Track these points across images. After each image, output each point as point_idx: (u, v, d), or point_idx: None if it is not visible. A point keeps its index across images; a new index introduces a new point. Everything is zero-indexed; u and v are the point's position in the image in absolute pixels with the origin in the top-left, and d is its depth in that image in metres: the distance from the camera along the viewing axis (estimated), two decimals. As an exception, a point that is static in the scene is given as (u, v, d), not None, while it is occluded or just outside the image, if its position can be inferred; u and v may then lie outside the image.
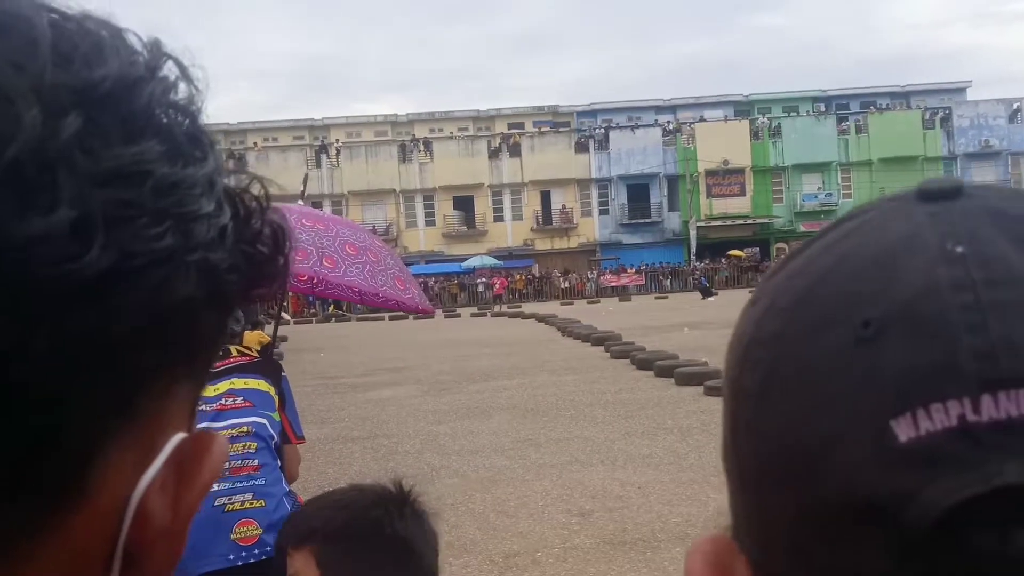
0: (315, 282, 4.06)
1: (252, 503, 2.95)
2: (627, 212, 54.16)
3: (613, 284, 48.21)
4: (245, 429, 3.04)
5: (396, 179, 53.87)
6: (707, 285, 41.55)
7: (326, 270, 3.35)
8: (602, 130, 56.78)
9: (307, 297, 34.86)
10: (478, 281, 48.40)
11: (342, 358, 20.22)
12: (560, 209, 54.29)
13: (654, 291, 47.36)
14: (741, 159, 53.60)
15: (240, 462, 3.00)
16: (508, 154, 54.48)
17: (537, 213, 54.44)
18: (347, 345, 24.17)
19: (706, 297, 38.21)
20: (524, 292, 48.45)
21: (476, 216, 54.56)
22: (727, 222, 53.16)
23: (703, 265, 49.37)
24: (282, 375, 3.34)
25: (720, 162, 53.05)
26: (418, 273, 48.06)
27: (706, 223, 52.94)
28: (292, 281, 3.85)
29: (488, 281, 47.80)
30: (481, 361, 17.72)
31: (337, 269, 3.36)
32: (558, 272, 50.17)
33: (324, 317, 41.03)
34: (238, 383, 3.11)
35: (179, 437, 0.37)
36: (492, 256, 51.23)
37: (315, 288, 4.25)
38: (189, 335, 0.36)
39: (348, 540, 1.44)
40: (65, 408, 0.32)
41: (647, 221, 54.19)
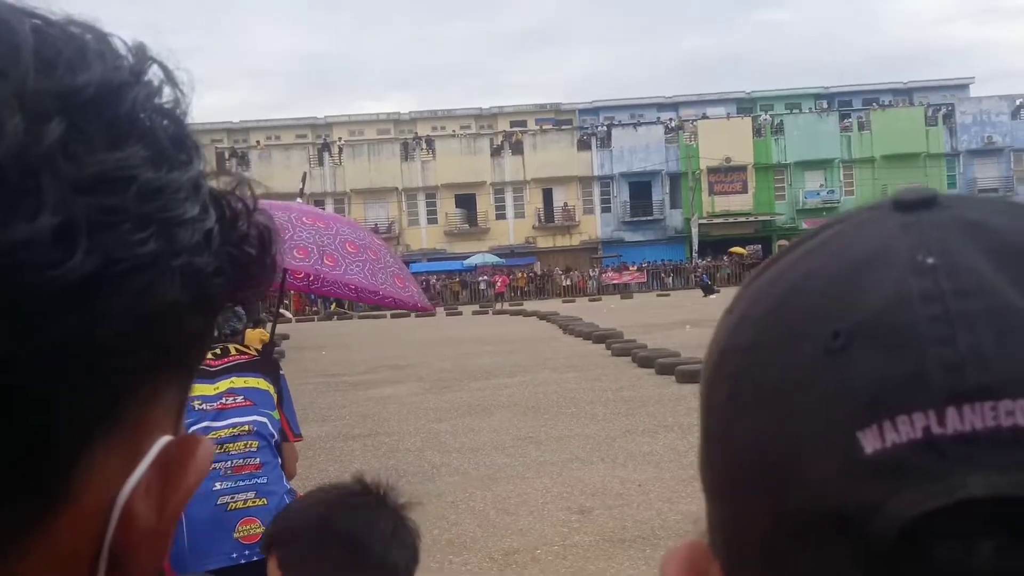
0: (311, 279, 4.08)
1: (254, 501, 2.98)
2: (629, 210, 54.12)
3: (615, 282, 48.16)
4: (246, 428, 3.06)
5: (398, 177, 53.85)
6: (709, 283, 41.49)
7: (327, 268, 3.36)
8: (604, 128, 56.69)
9: (309, 295, 34.90)
10: (480, 279, 48.39)
11: (344, 356, 20.23)
12: (562, 207, 54.26)
13: (656, 289, 47.33)
14: (743, 156, 53.53)
15: (242, 461, 3.02)
16: (510, 152, 54.43)
17: (539, 211, 54.41)
18: (349, 343, 24.19)
19: (708, 295, 38.15)
20: (526, 290, 48.44)
21: (478, 214, 54.55)
22: (729, 219, 53.08)
23: (705, 262, 49.33)
24: (280, 373, 3.36)
25: (722, 159, 52.99)
26: (420, 271, 48.09)
27: (708, 220, 52.89)
28: (289, 279, 3.86)
29: (490, 279, 47.77)
30: (482, 359, 17.73)
31: (338, 267, 3.37)
32: (560, 270, 50.13)
33: (326, 315, 41.06)
34: (238, 382, 3.13)
35: (165, 440, 0.37)
36: (494, 254, 51.24)
37: (311, 285, 4.27)
38: (174, 338, 0.36)
39: (300, 542, 1.50)
40: (51, 412, 0.32)
41: (649, 219, 54.16)
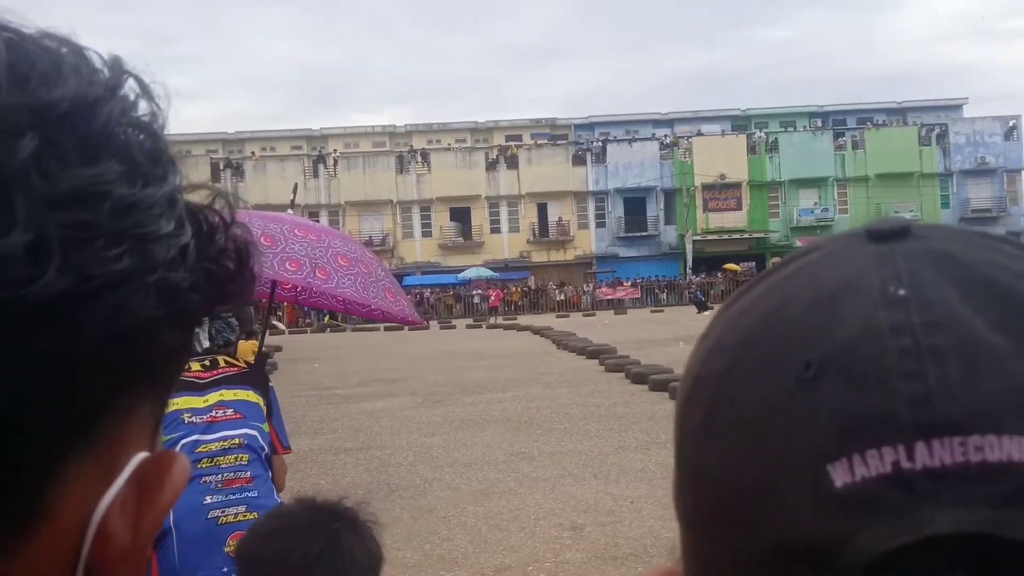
0: (299, 291, 4.06)
1: (245, 515, 2.95)
2: (624, 225, 54.22)
3: (609, 297, 48.20)
4: (237, 441, 3.04)
5: (393, 190, 53.90)
6: (703, 299, 41.49)
7: (319, 281, 3.35)
8: (599, 143, 56.84)
9: (302, 307, 34.82)
10: (474, 292, 48.35)
11: (336, 368, 20.16)
12: (557, 221, 54.35)
13: (650, 304, 47.35)
14: (738, 173, 53.73)
15: (233, 474, 3.00)
16: (505, 166, 54.55)
17: (534, 225, 54.48)
18: (342, 355, 24.11)
19: (702, 311, 38.14)
20: (520, 304, 48.41)
21: (473, 227, 54.59)
22: (723, 236, 53.21)
23: (699, 279, 49.38)
24: (269, 385, 3.34)
25: (717, 176, 53.18)
26: (414, 284, 48.10)
27: (702, 237, 52.99)
28: (279, 290, 3.85)
29: (484, 293, 47.73)
30: (475, 373, 17.67)
31: (330, 280, 3.37)
32: (554, 284, 50.15)
33: (319, 327, 40.97)
34: (227, 394, 3.11)
35: (140, 457, 0.37)
36: (488, 268, 51.19)
37: (298, 297, 4.25)
38: (150, 354, 0.36)
39: (252, 563, 1.56)
40: (24, 430, 0.32)
41: (643, 234, 54.23)
